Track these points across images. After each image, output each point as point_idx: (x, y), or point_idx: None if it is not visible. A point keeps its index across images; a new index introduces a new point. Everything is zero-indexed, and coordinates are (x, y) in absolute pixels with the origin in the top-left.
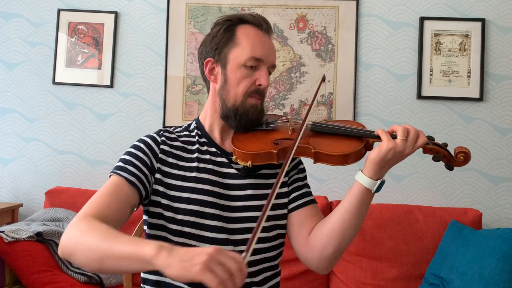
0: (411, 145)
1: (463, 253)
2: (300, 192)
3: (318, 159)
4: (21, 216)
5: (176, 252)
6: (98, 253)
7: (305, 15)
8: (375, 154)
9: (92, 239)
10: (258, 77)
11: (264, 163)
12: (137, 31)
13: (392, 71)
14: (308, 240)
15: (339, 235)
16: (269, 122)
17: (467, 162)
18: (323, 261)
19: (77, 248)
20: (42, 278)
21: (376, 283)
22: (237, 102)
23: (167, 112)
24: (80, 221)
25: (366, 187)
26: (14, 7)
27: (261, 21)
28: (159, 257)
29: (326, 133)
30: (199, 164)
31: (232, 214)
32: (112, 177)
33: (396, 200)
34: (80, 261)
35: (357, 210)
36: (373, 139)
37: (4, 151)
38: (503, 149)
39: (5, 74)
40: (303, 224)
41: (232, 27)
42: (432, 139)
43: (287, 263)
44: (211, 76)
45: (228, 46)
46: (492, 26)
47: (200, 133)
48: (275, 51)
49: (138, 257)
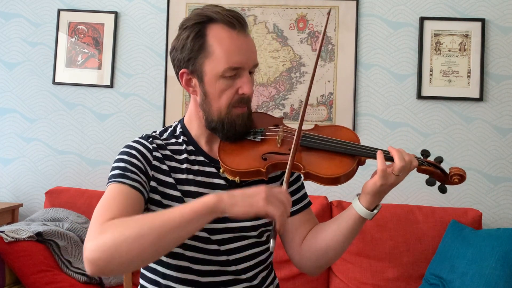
0: (404, 175)
1: (463, 253)
2: (297, 196)
3: (308, 178)
4: (21, 216)
5: (235, 194)
6: (152, 236)
7: (305, 15)
8: (371, 188)
9: (137, 226)
10: (240, 85)
11: (253, 179)
12: (137, 31)
13: (392, 71)
14: (301, 250)
15: (332, 251)
16: (257, 131)
17: (462, 182)
18: (316, 269)
19: (120, 246)
20: (42, 278)
21: (376, 283)
22: (221, 115)
23: (167, 112)
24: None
25: (362, 216)
26: (14, 7)
27: (232, 20)
28: (222, 201)
29: (316, 149)
30: (188, 176)
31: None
32: (112, 185)
33: (396, 200)
34: (128, 257)
35: (351, 233)
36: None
37: (4, 151)
38: (503, 149)
39: (5, 74)
40: (297, 231)
41: (202, 32)
42: (428, 154)
43: (287, 263)
44: (189, 88)
45: (201, 56)
46: (492, 26)
47: (187, 139)
48: (254, 50)
49: (201, 212)
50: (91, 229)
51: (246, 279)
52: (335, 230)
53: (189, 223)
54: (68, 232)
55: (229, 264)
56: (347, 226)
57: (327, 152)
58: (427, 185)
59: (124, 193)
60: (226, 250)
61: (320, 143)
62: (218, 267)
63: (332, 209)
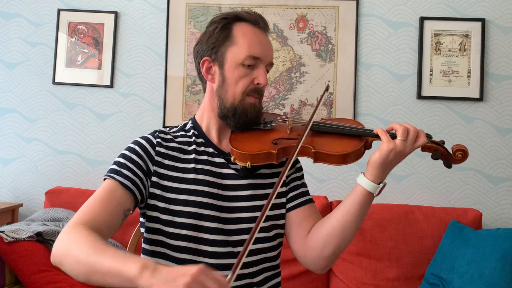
0: (410, 144)
1: (463, 253)
2: (298, 191)
3: (318, 158)
4: (21, 216)
5: (159, 273)
6: (85, 267)
7: (305, 15)
8: (377, 157)
9: (79, 252)
10: (257, 75)
11: (264, 163)
12: (137, 31)
13: (392, 71)
14: (306, 241)
15: (339, 236)
16: (267, 121)
17: (465, 159)
18: (322, 261)
19: (66, 259)
20: (42, 278)
21: (376, 283)
22: (235, 102)
23: (167, 112)
24: (70, 230)
25: (368, 191)
26: (14, 7)
27: (257, 19)
28: (142, 277)
29: (325, 132)
30: (196, 165)
31: (230, 215)
32: (106, 180)
33: (396, 200)
34: (68, 272)
35: (358, 212)
36: (372, 138)
37: (4, 151)
38: (503, 149)
39: (5, 74)
40: (301, 224)
41: (229, 25)
42: (430, 137)
43: (287, 263)
44: (208, 76)
45: (225, 45)
46: (492, 26)
47: (197, 133)
48: (272, 49)
49: (121, 275)
50: (68, 224)
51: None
52: (341, 212)
53: (110, 279)
54: None
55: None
56: (353, 205)
57: (336, 135)
58: (432, 158)
59: (112, 190)
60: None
61: (328, 127)
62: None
63: (332, 209)
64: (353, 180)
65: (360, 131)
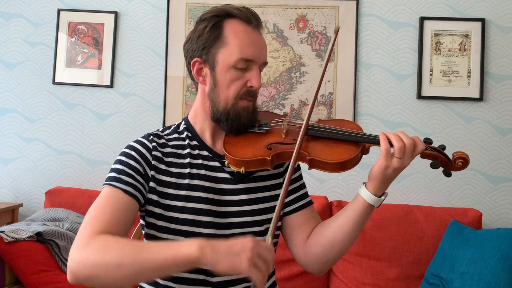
0: (408, 159)
1: (463, 253)
2: (297, 194)
3: (313, 165)
4: (21, 216)
5: (218, 248)
6: (132, 268)
7: (305, 15)
8: (375, 171)
9: (118, 257)
10: (250, 78)
11: (258, 169)
12: (137, 31)
13: (392, 71)
14: (306, 246)
15: (340, 244)
16: (261, 124)
17: (465, 167)
18: (322, 265)
19: (99, 269)
20: (42, 278)
21: (376, 283)
22: (228, 105)
23: (167, 112)
24: (91, 241)
25: (370, 203)
26: (14, 7)
27: (249, 16)
28: (205, 256)
29: (321, 137)
30: (191, 170)
31: (226, 220)
32: (106, 189)
33: (396, 200)
34: (103, 282)
35: (359, 223)
36: (369, 144)
37: (4, 151)
38: (503, 149)
39: (5, 74)
40: (301, 228)
41: (219, 24)
42: (430, 141)
43: (287, 263)
44: (199, 77)
45: (216, 46)
46: (492, 26)
47: (191, 135)
48: (266, 48)
49: (181, 261)
50: (79, 236)
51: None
52: (342, 221)
53: (168, 268)
54: (68, 232)
55: None
56: (354, 216)
57: (332, 140)
58: (431, 167)
59: (117, 198)
60: None
61: (324, 131)
62: None
63: (332, 209)
64: (353, 180)
65: (358, 137)
